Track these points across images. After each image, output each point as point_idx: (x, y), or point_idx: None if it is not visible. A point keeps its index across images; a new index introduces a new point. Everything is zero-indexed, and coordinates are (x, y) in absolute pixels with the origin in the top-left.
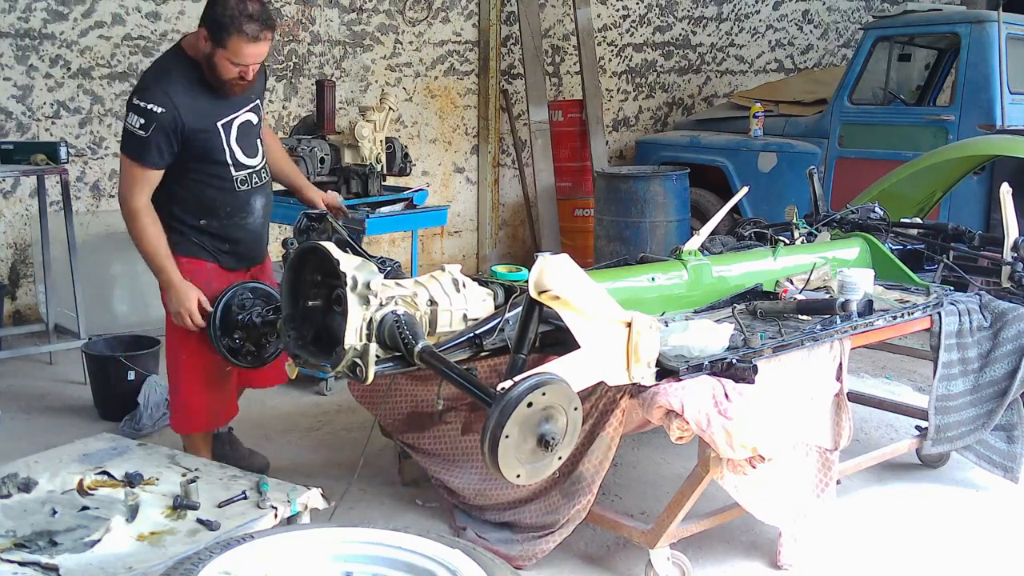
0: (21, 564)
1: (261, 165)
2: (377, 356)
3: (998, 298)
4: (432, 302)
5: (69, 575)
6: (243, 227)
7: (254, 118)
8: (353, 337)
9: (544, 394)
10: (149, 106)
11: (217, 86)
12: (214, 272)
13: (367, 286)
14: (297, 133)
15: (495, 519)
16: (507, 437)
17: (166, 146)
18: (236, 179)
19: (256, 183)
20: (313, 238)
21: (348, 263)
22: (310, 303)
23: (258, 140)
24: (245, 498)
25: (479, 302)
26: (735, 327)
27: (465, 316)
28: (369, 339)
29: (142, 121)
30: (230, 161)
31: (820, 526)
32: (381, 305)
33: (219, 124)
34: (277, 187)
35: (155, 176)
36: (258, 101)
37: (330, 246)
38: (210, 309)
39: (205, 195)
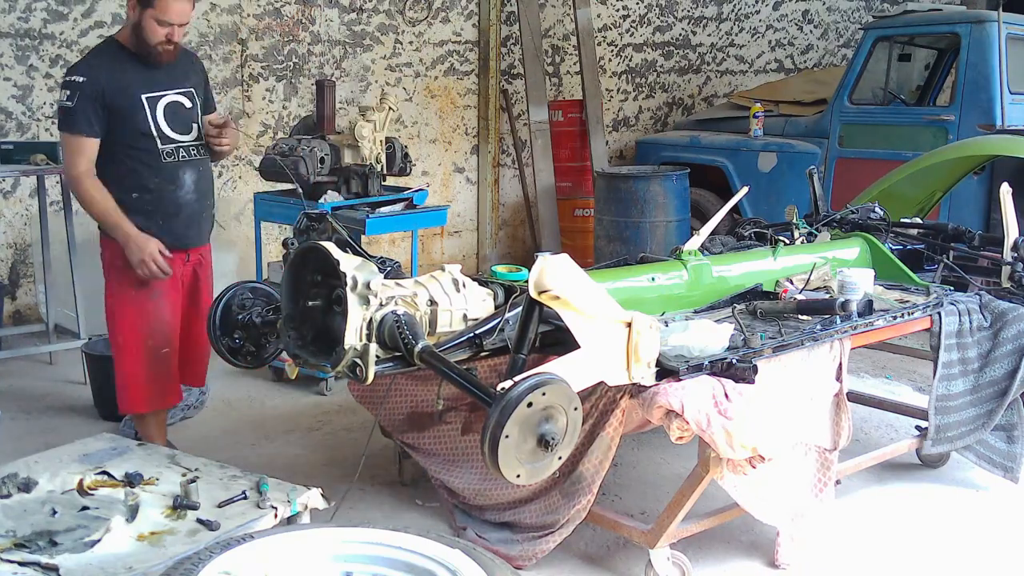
0: (21, 564)
1: (193, 142)
2: (377, 356)
3: (998, 298)
4: (432, 302)
5: (69, 575)
6: (174, 200)
7: (187, 102)
8: (353, 337)
9: (544, 394)
10: (73, 78)
11: (145, 53)
12: None
13: (367, 286)
14: (297, 133)
15: (495, 519)
16: (507, 437)
17: (92, 112)
18: (162, 152)
19: (185, 157)
20: (313, 238)
21: (348, 263)
22: (310, 303)
23: (195, 123)
24: (245, 498)
25: (479, 302)
26: (735, 327)
27: (465, 316)
28: (369, 339)
29: (68, 92)
30: (155, 134)
31: (819, 526)
32: (381, 305)
33: (143, 97)
34: (276, 187)
35: (90, 145)
36: (193, 89)
37: (330, 246)
38: (169, 255)
39: (133, 168)
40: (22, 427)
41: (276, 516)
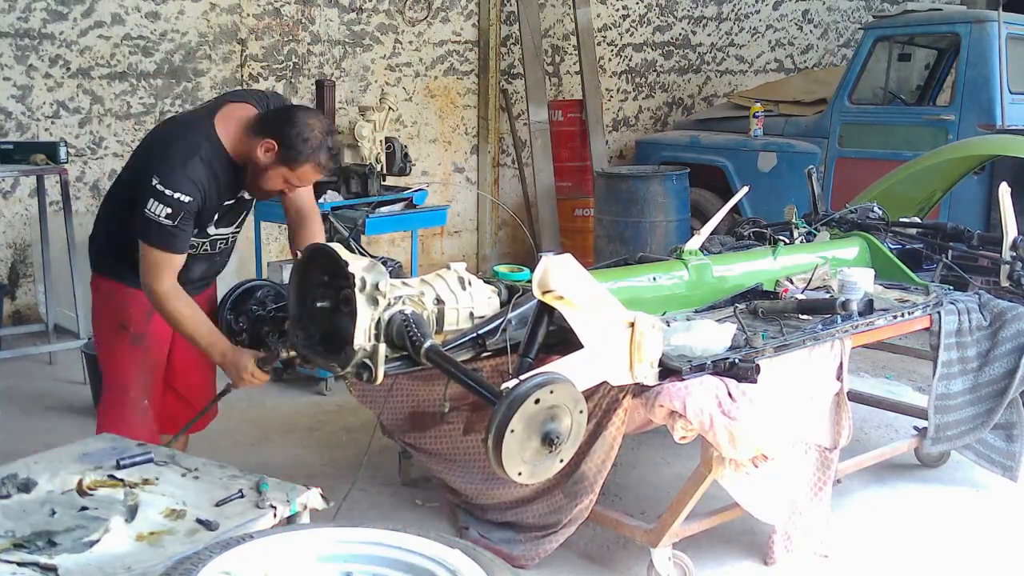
0: (20, 564)
1: (227, 235)
2: (386, 356)
3: (997, 297)
4: (439, 301)
5: (68, 575)
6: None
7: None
8: (362, 338)
9: (552, 392)
10: (176, 195)
11: (252, 191)
12: (133, 296)
13: (376, 287)
14: None
15: (498, 519)
16: (512, 432)
17: (190, 230)
18: (199, 245)
19: (206, 251)
20: None
21: (357, 264)
22: (318, 304)
23: (243, 215)
24: (243, 497)
25: (485, 300)
26: (737, 327)
27: (472, 314)
28: (378, 339)
29: (168, 211)
30: (207, 233)
31: (816, 525)
32: (389, 305)
33: (224, 204)
34: None
35: (180, 260)
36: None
37: (338, 247)
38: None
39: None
40: (22, 427)
41: (275, 516)
